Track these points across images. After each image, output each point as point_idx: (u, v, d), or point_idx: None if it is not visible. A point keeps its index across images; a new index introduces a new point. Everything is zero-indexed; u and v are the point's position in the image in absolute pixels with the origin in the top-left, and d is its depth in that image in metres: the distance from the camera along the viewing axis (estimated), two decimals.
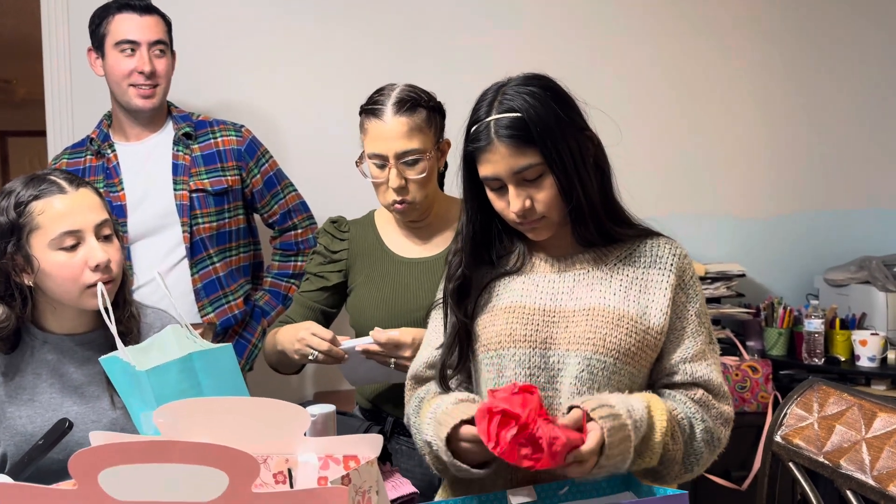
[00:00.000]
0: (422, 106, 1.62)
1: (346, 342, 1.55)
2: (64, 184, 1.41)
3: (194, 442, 0.74)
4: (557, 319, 1.28)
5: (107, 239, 1.43)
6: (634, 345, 1.24)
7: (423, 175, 1.60)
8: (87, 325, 1.48)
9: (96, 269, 1.39)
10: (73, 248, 1.39)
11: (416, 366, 1.41)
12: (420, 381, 1.40)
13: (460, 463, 1.17)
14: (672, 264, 1.29)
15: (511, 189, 1.25)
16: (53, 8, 2.50)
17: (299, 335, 1.57)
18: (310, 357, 1.55)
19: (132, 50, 2.04)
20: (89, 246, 1.39)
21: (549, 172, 1.23)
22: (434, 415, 1.24)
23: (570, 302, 1.29)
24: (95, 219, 1.41)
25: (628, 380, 1.25)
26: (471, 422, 1.14)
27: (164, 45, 2.09)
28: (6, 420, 1.42)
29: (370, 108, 1.62)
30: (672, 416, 1.22)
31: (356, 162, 1.69)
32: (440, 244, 1.72)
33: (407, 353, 1.51)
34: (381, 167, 1.61)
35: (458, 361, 1.33)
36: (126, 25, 2.04)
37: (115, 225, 1.47)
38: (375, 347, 1.52)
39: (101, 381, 1.45)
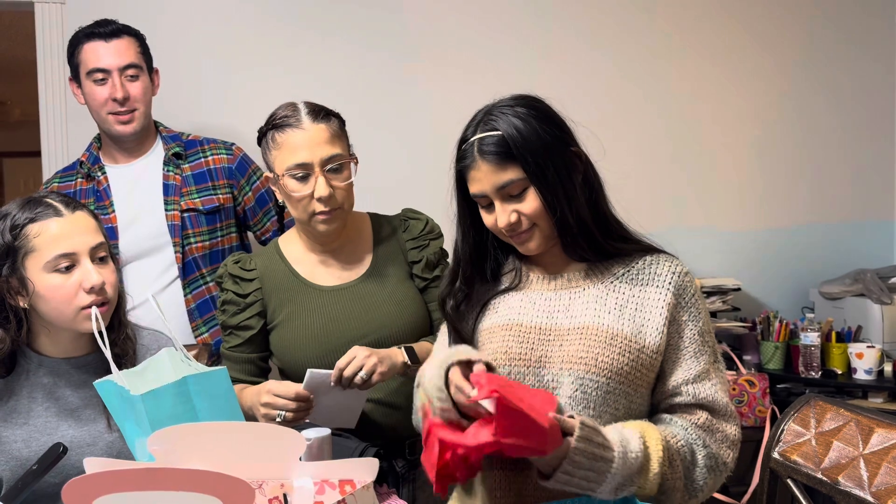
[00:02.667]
0: (333, 115, 1.60)
1: (308, 377, 1.46)
2: (60, 206, 1.41)
3: (189, 469, 0.74)
4: (552, 338, 1.28)
5: (102, 261, 1.43)
6: (628, 364, 1.24)
7: (348, 182, 1.57)
8: (83, 348, 1.47)
9: (91, 291, 1.38)
10: (68, 270, 1.38)
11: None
12: None
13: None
14: (670, 282, 1.29)
15: (497, 204, 1.28)
16: (48, 30, 2.51)
17: (262, 400, 1.47)
18: (277, 419, 1.46)
19: (104, 78, 2.01)
20: (84, 268, 1.39)
21: (531, 187, 1.25)
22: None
23: (565, 320, 1.29)
24: (91, 241, 1.41)
25: (625, 399, 1.25)
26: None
27: (137, 68, 2.04)
28: (1, 444, 1.41)
29: (281, 123, 1.56)
30: (669, 444, 1.21)
31: (268, 183, 1.63)
32: (359, 267, 1.67)
33: (375, 359, 1.47)
34: (304, 178, 1.54)
35: None
36: (94, 54, 2.01)
37: (110, 248, 1.47)
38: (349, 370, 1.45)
39: (98, 405, 1.44)
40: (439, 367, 1.15)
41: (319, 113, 1.57)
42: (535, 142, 1.25)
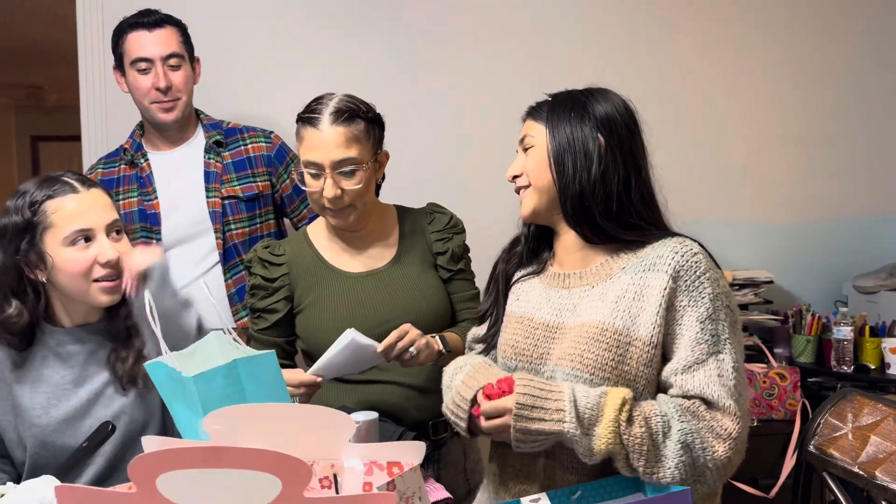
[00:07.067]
0: (359, 117, 1.60)
1: (349, 339, 1.45)
2: (76, 184, 1.47)
3: (248, 448, 0.77)
4: (557, 335, 1.31)
5: (117, 237, 1.49)
6: (613, 360, 1.22)
7: (359, 186, 1.59)
8: (95, 315, 1.52)
9: (106, 265, 1.44)
10: (85, 245, 1.44)
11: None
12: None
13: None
14: (670, 266, 1.22)
15: (518, 155, 1.40)
16: (88, 15, 2.54)
17: None
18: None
19: (147, 67, 2.05)
20: (100, 243, 1.45)
21: (545, 147, 1.32)
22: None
23: (571, 318, 1.31)
24: (107, 218, 1.47)
25: None
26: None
27: (179, 57, 2.07)
28: (22, 412, 1.46)
29: (307, 117, 1.60)
30: (641, 406, 1.18)
31: (292, 169, 1.68)
32: (384, 255, 1.71)
33: (425, 341, 1.52)
34: (316, 177, 1.59)
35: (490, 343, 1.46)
36: (137, 43, 2.05)
37: (123, 225, 1.52)
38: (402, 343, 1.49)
39: (104, 367, 1.50)
40: (468, 385, 1.31)
41: (343, 114, 1.58)
42: (563, 115, 1.32)
